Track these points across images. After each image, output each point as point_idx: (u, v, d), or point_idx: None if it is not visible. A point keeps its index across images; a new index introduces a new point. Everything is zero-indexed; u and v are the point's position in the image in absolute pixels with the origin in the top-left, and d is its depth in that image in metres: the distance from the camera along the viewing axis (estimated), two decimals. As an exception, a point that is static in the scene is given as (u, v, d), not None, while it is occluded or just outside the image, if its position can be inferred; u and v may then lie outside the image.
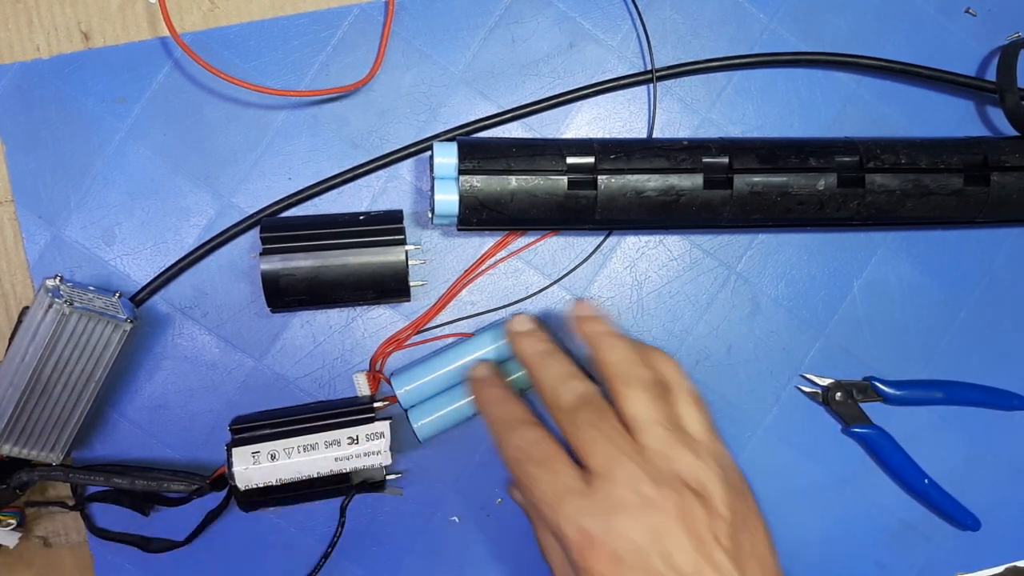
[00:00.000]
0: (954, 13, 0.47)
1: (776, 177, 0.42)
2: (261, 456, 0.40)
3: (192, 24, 0.44)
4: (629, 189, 0.41)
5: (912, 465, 0.47)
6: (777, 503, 0.47)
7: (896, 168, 0.43)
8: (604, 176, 0.41)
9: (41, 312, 0.38)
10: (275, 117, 0.44)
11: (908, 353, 0.48)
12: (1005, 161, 0.43)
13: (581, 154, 0.41)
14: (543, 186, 0.41)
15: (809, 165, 0.42)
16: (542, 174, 0.41)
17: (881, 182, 0.42)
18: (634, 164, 0.41)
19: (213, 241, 0.44)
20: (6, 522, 0.43)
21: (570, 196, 0.41)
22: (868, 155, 0.43)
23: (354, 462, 0.41)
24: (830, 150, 0.43)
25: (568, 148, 0.42)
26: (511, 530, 0.46)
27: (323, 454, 0.41)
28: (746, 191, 0.42)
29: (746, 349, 0.47)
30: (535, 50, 0.45)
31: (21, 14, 0.43)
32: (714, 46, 0.46)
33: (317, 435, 0.41)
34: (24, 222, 0.44)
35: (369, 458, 0.41)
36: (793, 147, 0.43)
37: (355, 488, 0.43)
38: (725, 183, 0.42)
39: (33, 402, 0.39)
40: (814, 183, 0.42)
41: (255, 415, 0.44)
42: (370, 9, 0.44)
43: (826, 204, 0.42)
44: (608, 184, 0.41)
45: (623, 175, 0.41)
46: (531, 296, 0.46)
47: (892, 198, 0.43)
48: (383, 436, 0.41)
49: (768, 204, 0.42)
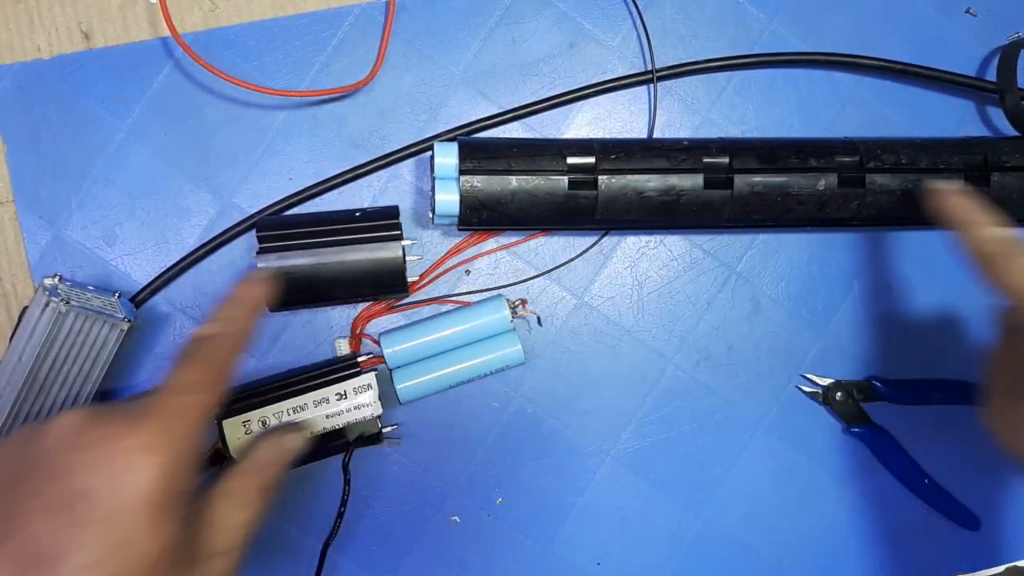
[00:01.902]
0: (954, 13, 0.48)
1: (776, 177, 0.42)
2: (252, 424, 0.41)
3: (193, 24, 0.44)
4: (629, 189, 0.41)
5: (912, 465, 0.47)
6: (777, 503, 0.47)
7: (896, 168, 0.43)
8: (605, 176, 0.41)
9: (38, 311, 0.38)
10: (276, 117, 0.44)
11: (908, 353, 0.48)
12: (1005, 161, 0.43)
13: (582, 154, 0.41)
14: (544, 186, 0.41)
15: (809, 165, 0.42)
16: (543, 174, 0.41)
17: (881, 182, 0.42)
18: (634, 164, 0.41)
19: (213, 241, 0.44)
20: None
21: (571, 196, 0.41)
22: (868, 155, 0.43)
23: (345, 416, 0.42)
24: (830, 150, 0.43)
25: (569, 148, 0.42)
26: (511, 530, 0.46)
27: (313, 413, 0.41)
28: (746, 191, 0.42)
29: (746, 349, 0.47)
30: (535, 50, 0.45)
31: (22, 14, 0.43)
32: (714, 46, 0.46)
33: (305, 396, 0.42)
34: (25, 222, 0.44)
35: (360, 411, 0.42)
36: (794, 147, 0.43)
37: (352, 443, 0.43)
38: (725, 183, 0.42)
39: (31, 400, 0.39)
40: (814, 183, 0.42)
41: (239, 387, 0.43)
42: (371, 9, 0.44)
43: (826, 204, 0.42)
44: (609, 184, 0.41)
45: (623, 175, 0.41)
46: (524, 281, 0.46)
47: (892, 198, 0.43)
48: (371, 387, 0.42)
49: (768, 204, 0.42)
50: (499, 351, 0.44)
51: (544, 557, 0.46)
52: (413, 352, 0.44)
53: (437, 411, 0.45)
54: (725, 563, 0.47)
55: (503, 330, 0.44)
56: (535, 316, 0.46)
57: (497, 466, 0.46)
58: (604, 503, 0.47)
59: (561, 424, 0.46)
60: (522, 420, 0.46)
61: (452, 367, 0.44)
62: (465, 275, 0.45)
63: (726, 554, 0.47)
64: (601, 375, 0.46)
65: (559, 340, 0.46)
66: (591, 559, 0.47)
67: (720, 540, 0.47)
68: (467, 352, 0.44)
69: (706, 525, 0.47)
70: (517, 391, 0.46)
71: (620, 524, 0.47)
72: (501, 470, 0.46)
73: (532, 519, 0.46)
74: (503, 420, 0.46)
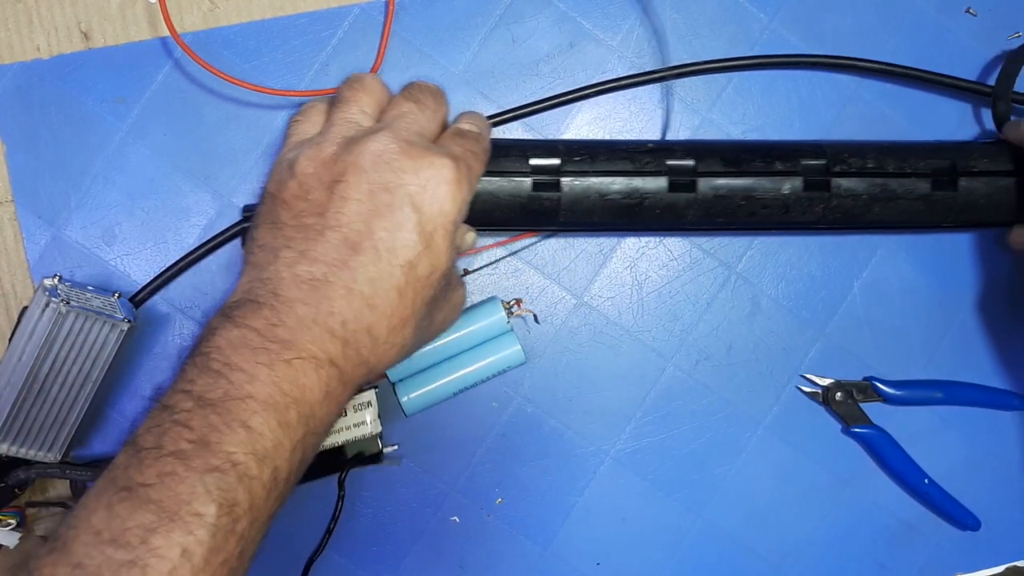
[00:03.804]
0: (954, 13, 0.47)
1: (741, 180, 0.41)
2: None
3: (192, 24, 0.44)
4: (593, 192, 0.41)
5: (912, 465, 0.47)
6: (777, 503, 0.47)
7: (863, 172, 0.42)
8: (568, 178, 0.41)
9: (38, 311, 0.38)
10: (275, 117, 0.44)
11: (908, 353, 0.48)
12: (973, 166, 0.43)
13: (545, 156, 0.41)
14: (507, 188, 0.40)
15: (775, 169, 0.42)
16: (506, 176, 0.40)
17: (847, 186, 0.42)
18: (598, 166, 0.41)
19: (213, 241, 0.44)
20: (6, 522, 0.43)
21: (534, 198, 0.41)
22: (835, 159, 0.42)
23: (344, 435, 0.42)
24: (796, 154, 0.42)
25: (532, 149, 0.41)
26: (511, 530, 0.46)
27: None
28: (710, 194, 0.41)
29: (746, 349, 0.47)
30: (535, 50, 0.45)
31: (21, 14, 0.43)
32: (714, 46, 0.46)
33: None
34: (24, 222, 0.43)
35: (359, 428, 0.42)
36: (759, 150, 0.42)
37: (350, 462, 0.43)
38: (689, 186, 0.41)
39: (30, 401, 0.39)
40: (779, 187, 0.42)
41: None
42: (370, 9, 0.44)
43: (791, 208, 0.42)
44: (572, 186, 0.41)
45: (587, 177, 0.41)
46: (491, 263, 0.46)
47: (858, 202, 0.42)
48: (370, 405, 0.42)
49: (732, 207, 0.42)
50: (499, 353, 0.44)
51: (544, 557, 0.46)
52: (413, 363, 0.44)
53: (437, 412, 0.45)
54: (725, 563, 0.47)
55: (501, 332, 0.44)
56: (531, 314, 0.46)
57: (497, 466, 0.46)
58: (604, 503, 0.47)
59: (561, 424, 0.46)
60: (522, 420, 0.46)
61: (454, 374, 0.44)
62: (463, 275, 0.45)
63: (726, 554, 0.47)
64: (601, 375, 0.46)
65: (559, 340, 0.46)
66: (591, 559, 0.47)
67: (720, 540, 0.47)
68: (467, 357, 0.44)
69: (706, 525, 0.47)
70: (516, 391, 0.46)
71: (620, 524, 0.47)
72: (501, 470, 0.46)
73: (532, 519, 0.46)
74: (503, 420, 0.46)
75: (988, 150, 0.44)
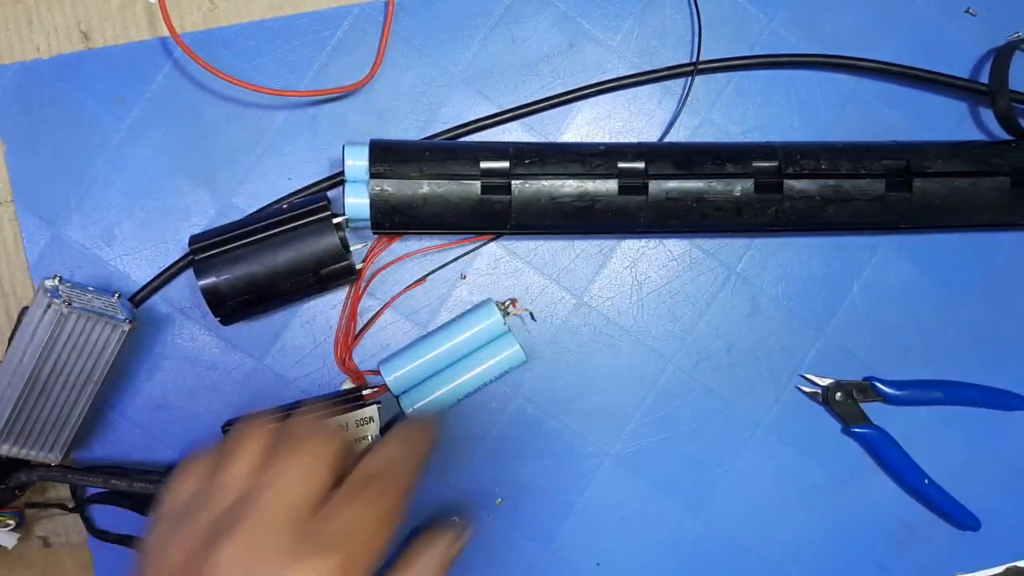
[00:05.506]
0: (954, 13, 0.47)
1: (692, 183, 0.41)
2: None
3: (192, 24, 0.44)
4: (543, 194, 0.41)
5: (912, 465, 0.47)
6: (777, 503, 0.47)
7: (816, 174, 0.42)
8: (518, 181, 0.41)
9: (39, 312, 0.37)
10: (275, 117, 0.44)
11: (908, 353, 0.48)
12: (928, 167, 0.43)
13: (496, 159, 0.41)
14: (456, 191, 0.40)
15: (726, 171, 0.42)
16: (455, 179, 0.40)
17: (800, 188, 0.42)
18: (548, 169, 0.41)
19: (213, 241, 0.44)
20: (5, 522, 0.43)
21: (484, 201, 0.41)
22: (787, 160, 0.42)
23: None
24: (748, 155, 0.42)
25: (483, 152, 0.41)
26: (511, 530, 0.46)
27: None
28: (662, 197, 0.41)
29: (746, 349, 0.47)
30: (535, 50, 0.45)
31: (21, 14, 0.43)
32: (714, 46, 0.46)
33: None
34: (24, 222, 0.43)
35: (361, 443, 0.42)
36: (711, 152, 0.42)
37: None
38: (640, 189, 0.41)
39: (32, 402, 0.39)
40: (731, 189, 0.41)
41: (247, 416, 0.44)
42: (370, 9, 0.44)
43: (743, 210, 0.42)
44: (522, 189, 0.41)
45: (537, 180, 0.41)
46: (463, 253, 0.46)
47: (812, 204, 0.42)
48: (373, 420, 0.42)
49: (684, 210, 0.42)
50: (499, 355, 0.44)
51: (544, 557, 0.46)
52: (415, 374, 0.44)
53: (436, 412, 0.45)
54: (725, 563, 0.47)
55: (499, 333, 0.44)
56: (527, 312, 0.46)
57: (497, 466, 0.46)
58: (604, 503, 0.47)
59: (561, 424, 0.46)
60: (522, 420, 0.46)
61: (457, 380, 0.44)
62: (461, 280, 0.45)
63: (726, 554, 0.47)
64: (601, 375, 0.46)
65: (559, 340, 0.46)
66: (591, 559, 0.47)
67: (720, 540, 0.47)
68: (468, 362, 0.44)
69: (706, 525, 0.47)
70: (516, 391, 0.46)
71: (620, 524, 0.47)
72: (501, 470, 0.46)
73: (532, 519, 0.46)
74: (503, 420, 0.46)
75: (942, 151, 0.43)
